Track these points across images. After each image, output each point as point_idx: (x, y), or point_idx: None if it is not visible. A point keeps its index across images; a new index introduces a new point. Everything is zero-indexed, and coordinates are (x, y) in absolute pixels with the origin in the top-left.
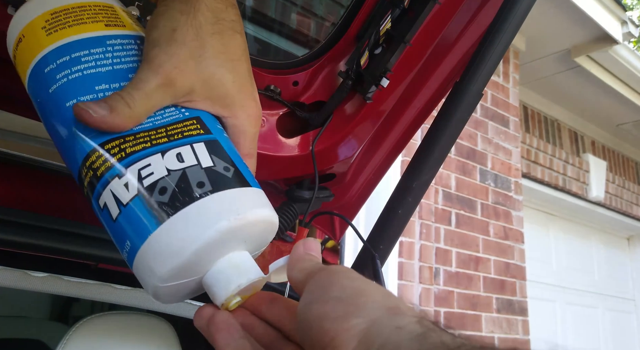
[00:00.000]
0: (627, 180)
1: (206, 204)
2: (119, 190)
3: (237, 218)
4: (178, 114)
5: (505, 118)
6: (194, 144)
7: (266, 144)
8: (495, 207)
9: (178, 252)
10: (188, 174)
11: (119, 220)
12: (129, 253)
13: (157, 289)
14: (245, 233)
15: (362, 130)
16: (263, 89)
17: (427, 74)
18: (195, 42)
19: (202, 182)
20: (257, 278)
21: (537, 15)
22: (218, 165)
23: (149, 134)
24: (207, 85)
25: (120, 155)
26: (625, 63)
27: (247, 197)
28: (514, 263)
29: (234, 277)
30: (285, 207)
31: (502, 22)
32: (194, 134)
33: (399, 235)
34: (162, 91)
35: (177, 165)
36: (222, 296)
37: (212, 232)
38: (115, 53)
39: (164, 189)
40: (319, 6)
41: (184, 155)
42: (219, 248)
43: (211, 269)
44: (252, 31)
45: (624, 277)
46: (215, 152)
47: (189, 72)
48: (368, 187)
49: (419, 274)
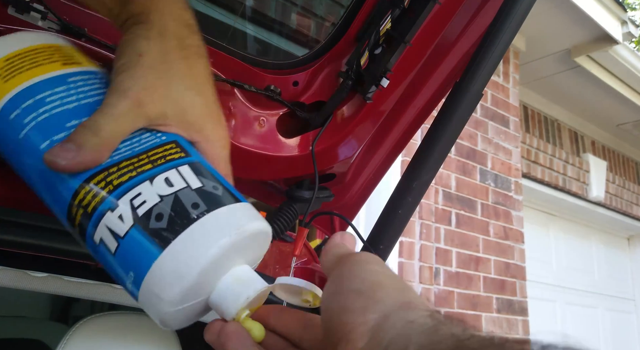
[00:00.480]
0: (627, 180)
1: (205, 223)
2: (114, 223)
3: (237, 233)
4: (155, 139)
5: (505, 118)
6: (179, 167)
7: (266, 144)
8: (495, 207)
9: (185, 274)
10: (181, 197)
11: (118, 253)
12: (133, 283)
13: (166, 315)
14: (244, 247)
15: (362, 130)
16: (263, 89)
17: (427, 74)
18: (162, 66)
19: (196, 203)
20: (263, 288)
21: (537, 15)
22: (207, 185)
23: (132, 162)
24: (179, 109)
25: (108, 188)
26: (626, 63)
27: (241, 212)
28: (514, 263)
29: (241, 291)
30: (285, 207)
31: (502, 22)
32: (176, 158)
33: (399, 235)
34: (132, 113)
35: (167, 190)
36: (233, 310)
37: (216, 250)
38: (79, 89)
39: (160, 215)
40: (319, 6)
41: (172, 179)
42: (222, 265)
43: (216, 287)
44: (252, 31)
45: (624, 277)
46: (201, 173)
47: (158, 94)
48: (368, 187)
49: (419, 274)
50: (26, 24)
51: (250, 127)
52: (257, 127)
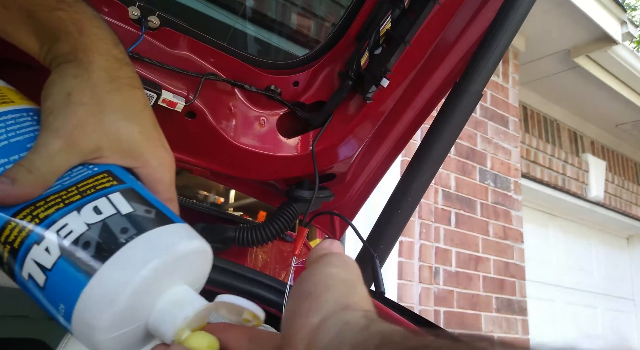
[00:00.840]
0: (626, 180)
1: (133, 246)
2: (41, 256)
3: (167, 254)
4: (87, 171)
5: (504, 118)
6: (109, 195)
7: (266, 144)
8: (494, 206)
9: (114, 298)
10: (109, 224)
11: (47, 286)
12: (65, 316)
13: (102, 344)
14: (179, 267)
15: (362, 130)
16: (264, 89)
17: (427, 74)
18: (92, 101)
19: (125, 228)
20: (202, 307)
21: (537, 16)
22: (138, 209)
23: (60, 195)
24: (114, 140)
25: (34, 221)
26: (625, 63)
27: (174, 233)
28: (513, 263)
29: (178, 311)
30: (285, 207)
31: (501, 22)
32: (107, 186)
33: (399, 235)
34: (65, 152)
35: (96, 218)
36: (171, 332)
37: (145, 272)
38: (8, 128)
39: (88, 243)
40: (319, 7)
41: (101, 207)
42: (156, 287)
43: (153, 310)
44: (252, 31)
45: (623, 276)
46: (133, 199)
47: (91, 130)
48: (368, 187)
49: (418, 274)
50: None
51: (250, 127)
52: (257, 127)
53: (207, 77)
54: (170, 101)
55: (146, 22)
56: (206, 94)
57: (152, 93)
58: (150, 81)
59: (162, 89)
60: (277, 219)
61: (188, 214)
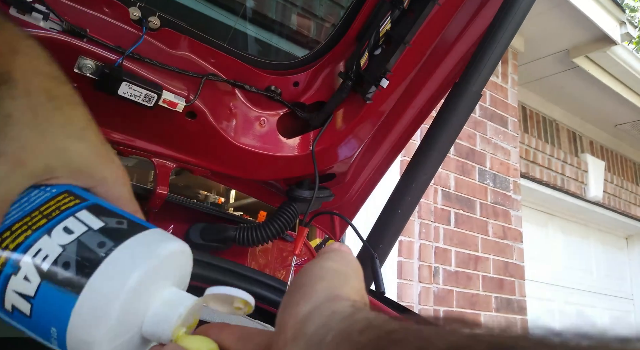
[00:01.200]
0: (625, 180)
1: (115, 258)
2: (21, 285)
3: (150, 259)
4: (46, 194)
5: (504, 118)
6: (76, 214)
7: (266, 144)
8: (494, 206)
9: (106, 311)
10: (84, 241)
11: (34, 314)
12: (58, 338)
13: None
14: (163, 270)
15: (362, 130)
16: (264, 89)
17: (427, 75)
18: (34, 121)
19: (101, 242)
20: (193, 303)
21: (536, 16)
22: (110, 222)
23: (25, 222)
24: (63, 158)
25: (6, 252)
26: (624, 64)
27: (151, 238)
28: (512, 262)
29: (171, 312)
30: (285, 207)
31: (501, 22)
32: (71, 206)
33: (399, 235)
34: (15, 175)
35: (68, 238)
36: (168, 332)
37: (133, 280)
38: None
39: (67, 263)
40: (319, 7)
41: (71, 226)
42: (145, 293)
43: (146, 316)
44: (253, 32)
45: (623, 276)
46: (102, 213)
47: (38, 150)
48: (368, 187)
49: (418, 273)
50: (28, 25)
51: (251, 127)
52: (257, 127)
53: (207, 78)
54: (170, 101)
55: (147, 23)
56: (207, 94)
57: (153, 93)
58: (151, 81)
59: (162, 89)
60: (277, 219)
61: (188, 214)
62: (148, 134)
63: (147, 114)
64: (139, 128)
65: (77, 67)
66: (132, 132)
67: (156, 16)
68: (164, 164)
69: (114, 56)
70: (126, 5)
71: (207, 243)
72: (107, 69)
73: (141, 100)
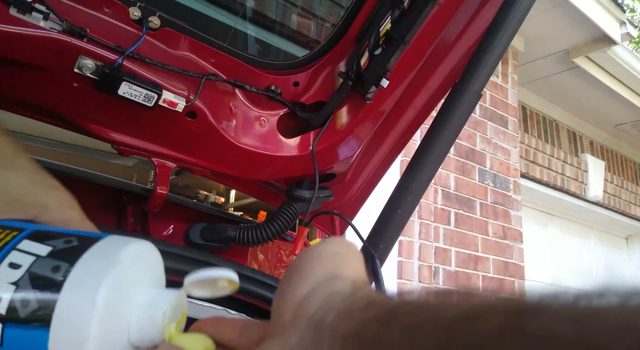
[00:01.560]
0: (625, 180)
1: (75, 278)
2: None
3: (113, 267)
4: None
5: (504, 118)
6: (17, 246)
7: (267, 144)
8: (494, 206)
9: (84, 337)
10: (36, 271)
11: None
12: None
13: None
14: (132, 275)
15: (362, 130)
16: (264, 89)
17: (427, 75)
18: None
19: (55, 266)
20: (174, 297)
21: (536, 16)
22: (58, 244)
23: None
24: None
25: None
26: (624, 64)
27: (108, 246)
28: (512, 262)
29: (154, 313)
30: (285, 207)
31: (501, 22)
32: (9, 240)
33: (399, 235)
34: None
35: (18, 274)
36: (158, 334)
37: (101, 296)
38: None
39: (26, 299)
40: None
41: (17, 260)
42: (120, 305)
43: (130, 325)
44: (253, 32)
45: (622, 276)
46: (46, 238)
47: None
48: (368, 187)
49: (418, 273)
50: (28, 25)
51: (251, 127)
52: (257, 127)
53: (207, 78)
54: (171, 101)
55: (147, 23)
56: (207, 94)
57: (153, 93)
58: (151, 81)
59: (162, 89)
60: (277, 219)
61: (188, 214)
62: (148, 133)
63: (147, 114)
64: (139, 128)
65: (77, 67)
66: (132, 132)
67: (156, 16)
68: (164, 164)
69: (114, 56)
70: (126, 5)
71: (207, 243)
72: (107, 69)
73: (141, 100)
